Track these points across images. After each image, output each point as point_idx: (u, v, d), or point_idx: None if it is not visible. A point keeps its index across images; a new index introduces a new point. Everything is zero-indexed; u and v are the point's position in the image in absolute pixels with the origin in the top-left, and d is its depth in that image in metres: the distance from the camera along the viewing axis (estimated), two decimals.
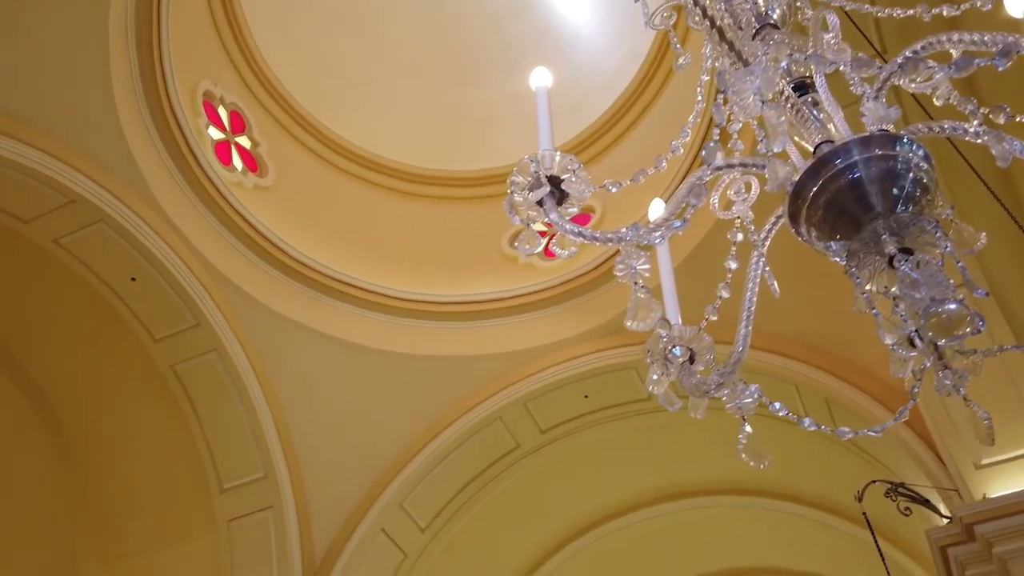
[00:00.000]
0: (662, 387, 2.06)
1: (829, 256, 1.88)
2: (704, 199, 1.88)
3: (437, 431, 7.29)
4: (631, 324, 1.90)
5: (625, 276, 1.87)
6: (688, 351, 2.00)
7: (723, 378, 1.96)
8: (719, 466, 7.74)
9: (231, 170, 7.34)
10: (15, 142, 5.73)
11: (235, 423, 6.91)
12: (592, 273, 7.36)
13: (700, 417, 2.11)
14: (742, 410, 1.99)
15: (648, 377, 2.08)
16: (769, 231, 2.17)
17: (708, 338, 2.09)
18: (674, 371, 2.03)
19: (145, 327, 6.79)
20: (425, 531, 7.36)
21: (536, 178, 1.91)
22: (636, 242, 1.86)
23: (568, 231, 1.88)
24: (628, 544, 8.11)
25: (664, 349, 2.07)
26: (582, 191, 1.91)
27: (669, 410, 2.11)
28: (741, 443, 2.05)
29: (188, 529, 6.94)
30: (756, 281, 2.11)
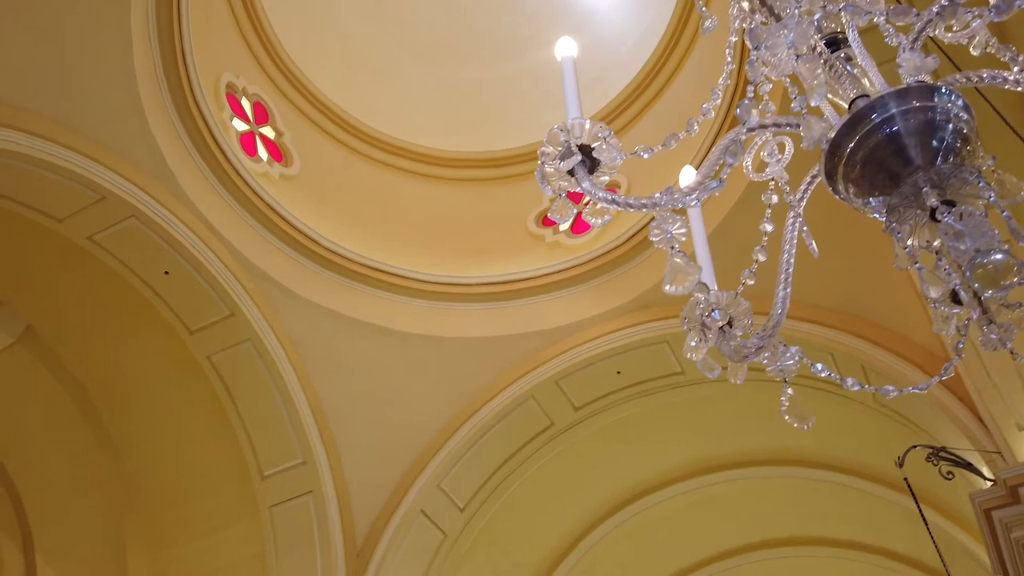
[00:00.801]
0: (701, 353, 2.05)
1: (868, 213, 1.85)
2: (740, 158, 1.85)
3: (471, 412, 7.33)
4: (669, 289, 1.89)
5: (661, 241, 1.86)
6: (726, 316, 1.97)
7: (763, 341, 1.95)
8: (755, 437, 7.72)
9: (257, 161, 7.39)
10: (46, 142, 5.81)
11: (272, 411, 7.00)
12: (620, 248, 7.32)
13: (740, 383, 2.10)
14: (783, 372, 1.97)
15: (686, 344, 2.07)
16: (805, 191, 2.14)
17: (745, 303, 2.08)
18: (712, 337, 2.01)
19: (180, 319, 6.89)
20: (464, 511, 7.42)
21: (567, 147, 1.89)
22: (671, 206, 1.84)
23: (602, 199, 1.87)
24: (665, 518, 8.12)
25: (701, 315, 2.05)
26: (614, 158, 1.89)
27: (709, 377, 2.10)
28: (784, 405, 2.04)
29: (231, 516, 7.06)
30: (793, 243, 2.09)
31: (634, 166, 7.46)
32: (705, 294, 1.96)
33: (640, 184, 7.51)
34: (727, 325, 2.02)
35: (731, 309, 2.02)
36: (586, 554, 8.10)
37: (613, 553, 8.20)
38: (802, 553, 8.36)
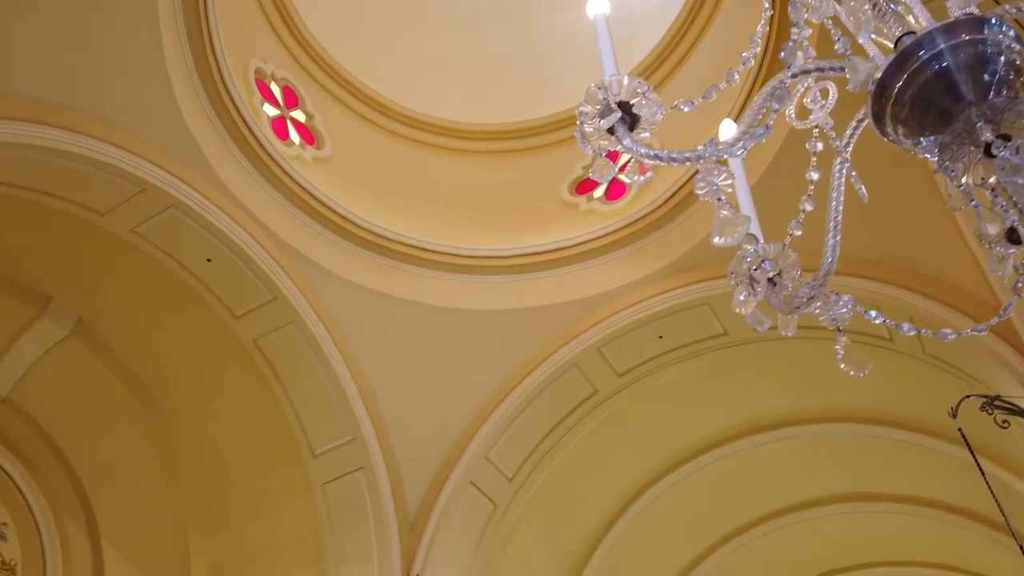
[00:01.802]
0: (750, 308, 2.03)
1: (919, 153, 1.80)
2: (786, 103, 1.81)
3: (515, 383, 7.37)
4: (718, 241, 1.87)
5: (707, 194, 1.83)
6: (776, 268, 1.95)
7: (814, 291, 1.92)
8: (802, 396, 7.65)
9: (289, 145, 7.44)
10: (84, 137, 5.90)
11: (320, 390, 7.11)
12: (657, 212, 7.26)
13: (791, 335, 2.08)
14: (837, 321, 1.94)
15: (734, 299, 2.05)
16: (851, 135, 2.09)
17: (793, 254, 2.05)
18: (761, 290, 1.99)
19: (225, 305, 7.00)
20: (512, 480, 7.48)
21: (605, 105, 1.87)
22: (716, 157, 1.81)
23: (644, 155, 1.85)
24: (714, 480, 8.11)
25: (749, 269, 2.03)
26: (654, 113, 1.86)
27: (758, 330, 2.08)
28: (839, 354, 2.01)
29: (286, 494, 7.21)
30: (841, 189, 2.04)
31: (664, 131, 7.37)
32: (754, 245, 1.93)
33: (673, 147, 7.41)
34: (776, 277, 1.99)
35: (779, 261, 1.99)
36: (636, 519, 8.14)
37: (663, 517, 8.22)
38: (855, 510, 8.30)
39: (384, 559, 6.74)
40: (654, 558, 8.48)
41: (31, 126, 5.63)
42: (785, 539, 8.63)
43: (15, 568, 7.00)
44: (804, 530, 8.55)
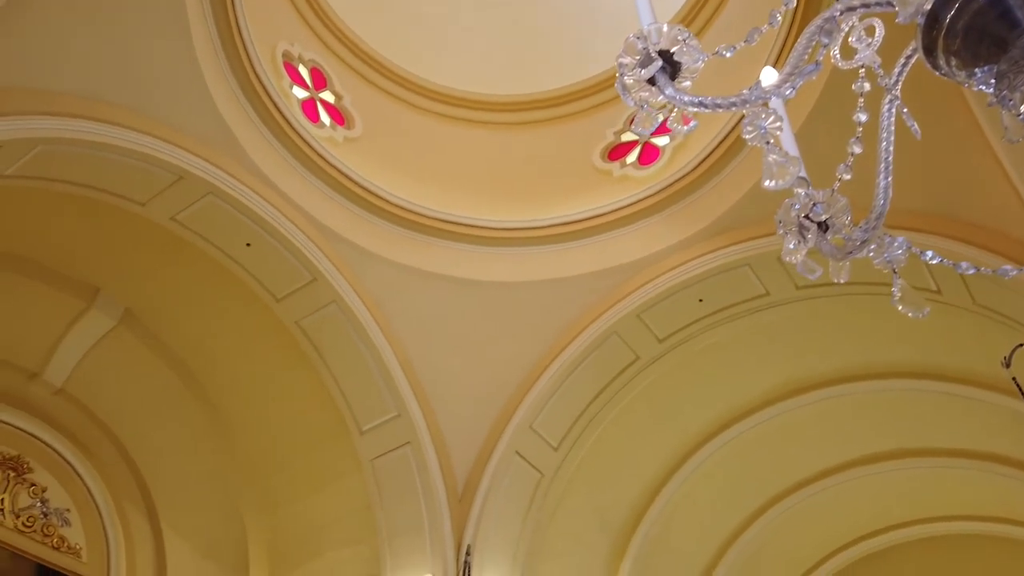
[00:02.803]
0: (800, 255, 2.00)
1: (973, 86, 1.74)
2: (835, 38, 1.77)
3: (556, 353, 7.38)
4: (769, 184, 1.84)
5: (755, 138, 1.80)
6: (828, 211, 1.91)
7: (868, 234, 1.88)
8: (848, 354, 7.55)
9: (320, 126, 7.48)
10: (120, 128, 5.97)
11: (363, 368, 7.19)
12: (692, 175, 7.17)
13: (844, 281, 2.04)
14: (892, 263, 1.90)
15: (784, 247, 2.02)
16: (900, 72, 2.03)
17: (843, 199, 2.00)
18: (812, 237, 1.95)
19: (266, 288, 7.09)
20: (558, 449, 7.52)
21: (645, 55, 1.84)
22: (763, 100, 1.77)
23: (687, 103, 1.82)
24: (761, 442, 8.05)
25: (798, 216, 1.99)
26: (695, 60, 1.83)
27: (809, 278, 2.05)
28: (896, 296, 1.97)
29: (336, 472, 7.33)
30: (891, 128, 1.99)
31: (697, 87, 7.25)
32: (805, 188, 1.89)
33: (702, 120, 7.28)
34: (827, 222, 1.95)
35: (830, 206, 1.95)
36: (683, 484, 8.12)
37: (710, 481, 8.21)
38: (907, 466, 8.20)
39: (435, 531, 6.84)
40: (703, 522, 8.47)
41: (68, 120, 5.73)
42: (835, 499, 8.56)
43: (80, 552, 7.24)
44: (854, 489, 8.47)
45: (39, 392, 7.40)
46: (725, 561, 8.58)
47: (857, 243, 1.91)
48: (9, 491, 7.01)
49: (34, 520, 7.05)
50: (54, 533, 7.12)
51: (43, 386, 7.40)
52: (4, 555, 6.80)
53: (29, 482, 7.17)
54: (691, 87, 1.83)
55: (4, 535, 6.82)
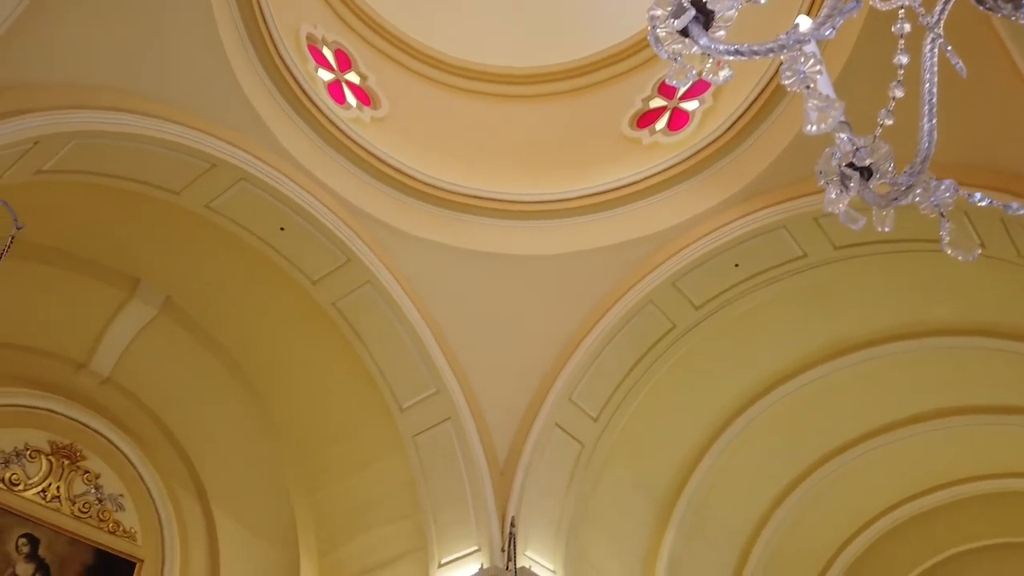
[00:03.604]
0: (843, 205, 1.96)
1: (1020, 18, 1.68)
2: None
3: (591, 324, 7.36)
4: (812, 129, 1.80)
5: (794, 83, 1.76)
6: (875, 155, 1.86)
7: (913, 178, 1.83)
8: (889, 313, 7.43)
9: (347, 108, 7.50)
10: (152, 119, 6.05)
11: (400, 346, 7.24)
12: (723, 138, 7.07)
13: (888, 230, 1.99)
14: (940, 206, 1.85)
15: (826, 198, 1.98)
16: (942, 10, 1.97)
17: (885, 145, 1.96)
18: (854, 186, 1.91)
19: (302, 271, 7.17)
20: (597, 420, 7.52)
21: (677, 4, 1.80)
22: (800, 43, 1.73)
23: (723, 52, 1.78)
24: (804, 405, 7.98)
25: (839, 165, 1.95)
26: (728, 7, 1.79)
27: (852, 228, 2.01)
28: (945, 239, 1.93)
29: (379, 449, 7.42)
30: (934, 70, 1.93)
31: None
32: (848, 132, 1.85)
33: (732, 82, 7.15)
34: (870, 169, 1.91)
35: (872, 153, 1.91)
36: (725, 450, 8.09)
37: (753, 446, 8.16)
38: (952, 424, 8.07)
39: (479, 504, 6.90)
40: (746, 488, 8.44)
41: (101, 113, 5.81)
42: (881, 460, 8.47)
43: (135, 535, 7.44)
44: (900, 449, 8.37)
45: (87, 382, 7.58)
46: (770, 525, 8.55)
47: (902, 188, 1.86)
48: (64, 478, 7.22)
49: (90, 506, 7.26)
50: (109, 518, 7.32)
51: (91, 376, 7.58)
52: (63, 541, 7.01)
53: (83, 469, 7.37)
54: (725, 36, 1.79)
55: (62, 521, 7.03)
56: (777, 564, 8.70)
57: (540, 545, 6.92)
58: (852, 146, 1.87)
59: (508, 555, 6.53)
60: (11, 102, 5.38)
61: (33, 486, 7.01)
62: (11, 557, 6.69)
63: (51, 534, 6.95)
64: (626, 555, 7.82)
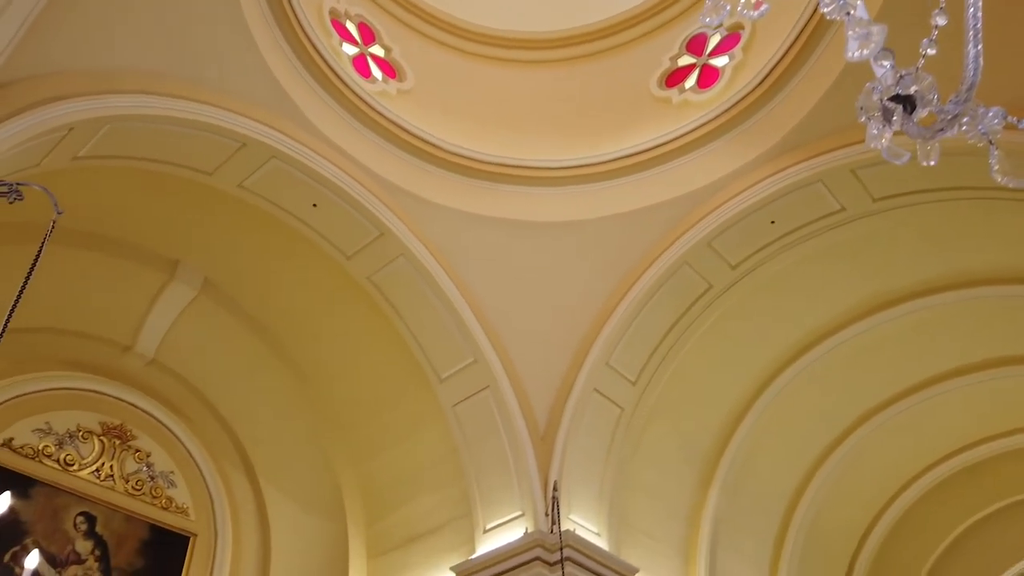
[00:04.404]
0: (885, 140, 1.90)
1: None
2: None
3: (627, 288, 7.32)
4: (854, 55, 1.74)
5: (834, 10, 1.70)
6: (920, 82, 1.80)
7: (960, 107, 1.77)
8: (931, 265, 7.28)
9: (372, 81, 7.48)
10: (182, 100, 6.09)
11: (437, 318, 7.28)
12: (754, 93, 6.93)
13: (933, 163, 1.93)
14: (988, 134, 1.79)
15: (867, 134, 1.92)
16: None
17: (928, 76, 1.89)
18: (897, 119, 1.85)
19: (336, 247, 7.22)
20: (636, 384, 7.51)
21: None
22: None
23: None
24: (845, 361, 7.88)
25: (880, 100, 1.89)
26: None
27: (896, 164, 1.95)
28: (994, 167, 1.86)
29: (420, 420, 7.50)
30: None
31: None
32: (890, 60, 1.79)
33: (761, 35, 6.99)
34: (912, 103, 1.85)
35: (915, 84, 1.85)
36: (767, 409, 8.03)
37: (795, 404, 8.09)
38: (999, 375, 7.92)
39: (521, 470, 6.95)
40: (790, 446, 8.39)
41: (131, 97, 5.86)
42: (925, 414, 8.36)
43: (187, 511, 7.63)
44: (944, 403, 8.24)
45: (133, 363, 7.75)
46: (814, 483, 8.50)
47: (948, 118, 1.80)
48: (117, 458, 7.41)
49: (142, 484, 7.45)
50: (162, 495, 7.52)
51: (136, 358, 7.75)
52: (119, 518, 7.22)
53: (134, 448, 7.56)
54: None
55: (117, 499, 7.24)
56: (822, 520, 8.67)
57: (583, 508, 6.96)
58: (894, 76, 1.82)
59: (552, 519, 6.58)
60: (44, 90, 5.45)
61: (87, 466, 7.22)
62: (70, 535, 6.91)
63: (107, 512, 7.15)
64: (670, 516, 7.83)
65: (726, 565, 8.02)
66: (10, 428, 6.90)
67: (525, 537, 6.52)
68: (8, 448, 6.77)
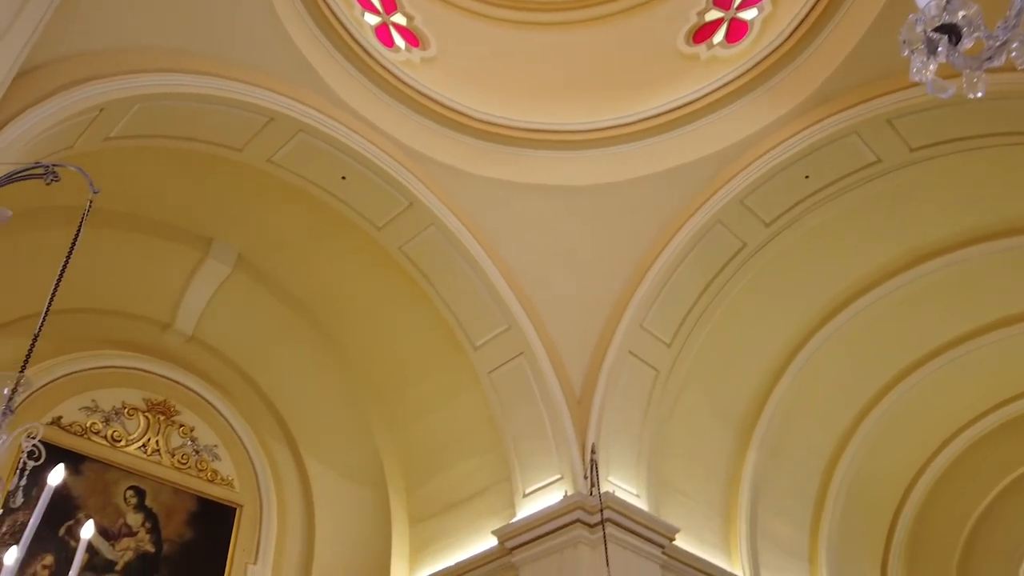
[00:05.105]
0: (929, 74, 1.84)
1: None
2: None
3: (659, 250, 7.26)
4: None
5: None
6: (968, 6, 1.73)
7: (1008, 33, 1.70)
8: (969, 215, 7.13)
9: (396, 51, 7.43)
10: (208, 77, 6.10)
11: (469, 286, 7.29)
12: (784, 46, 6.77)
13: (981, 95, 1.87)
14: None
15: (911, 69, 1.86)
16: None
17: (974, 4, 1.82)
18: (943, 50, 1.79)
19: (366, 218, 7.23)
20: (671, 346, 7.47)
21: None
22: None
23: None
24: (882, 317, 7.76)
25: (924, 31, 1.83)
26: None
27: (941, 97, 1.89)
28: None
29: (456, 387, 7.55)
30: None
31: None
32: None
33: None
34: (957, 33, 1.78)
35: (961, 12, 1.78)
36: (804, 367, 7.96)
37: (832, 363, 8.01)
38: None
39: (558, 434, 6.97)
40: (829, 404, 8.32)
41: (159, 75, 5.89)
42: (966, 368, 8.23)
43: (232, 483, 7.80)
44: (985, 356, 8.10)
45: (173, 341, 7.89)
46: (855, 441, 8.44)
47: (996, 45, 1.73)
48: (161, 433, 7.58)
49: (187, 457, 7.62)
50: (207, 467, 7.68)
51: (176, 335, 7.88)
52: (167, 491, 7.40)
53: (178, 423, 7.72)
54: None
55: (164, 473, 7.41)
56: (864, 477, 8.61)
57: (622, 470, 6.98)
58: (939, 5, 1.75)
59: (591, 481, 6.61)
60: (73, 72, 5.49)
61: (134, 441, 7.39)
62: (121, 508, 7.10)
63: (155, 485, 7.33)
64: (708, 477, 7.83)
65: (768, 524, 8.01)
66: (58, 407, 7.08)
67: (565, 500, 6.56)
68: (57, 426, 6.95)
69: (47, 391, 7.02)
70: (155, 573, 7.01)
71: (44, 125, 5.27)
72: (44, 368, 7.01)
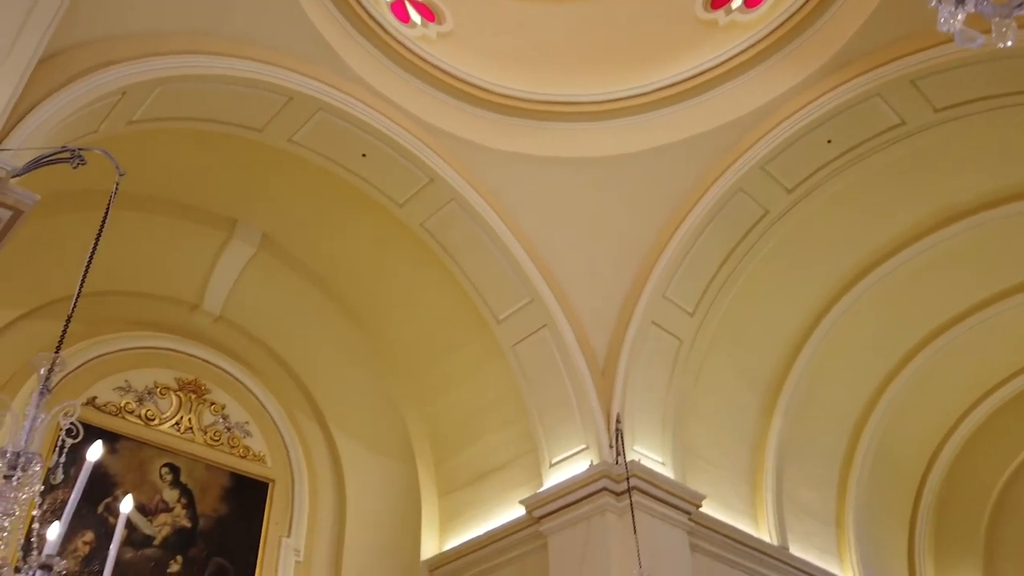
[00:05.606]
0: (958, 23, 1.83)
1: None
2: None
3: (680, 219, 7.24)
4: None
5: None
6: None
7: None
8: (996, 175, 7.04)
9: (412, 26, 7.41)
10: (227, 58, 6.13)
11: (491, 260, 7.32)
12: (805, 7, 6.67)
13: (1011, 44, 1.85)
14: None
15: (939, 20, 1.85)
16: None
17: None
18: (970, 0, 1.78)
19: (387, 196, 7.27)
20: (694, 315, 7.47)
21: None
22: None
23: None
24: (909, 280, 7.71)
25: None
26: None
27: (970, 47, 1.88)
28: None
29: (480, 362, 7.62)
30: None
31: None
32: None
33: None
34: None
35: None
36: (828, 333, 7.93)
37: (858, 327, 7.97)
38: None
39: (583, 405, 7.03)
40: (854, 369, 8.30)
41: (178, 57, 5.93)
42: (992, 331, 8.17)
43: (264, 458, 7.95)
44: (1011, 319, 8.04)
45: (202, 321, 8.01)
46: (880, 406, 8.42)
47: None
48: (194, 411, 7.73)
49: (220, 434, 7.77)
50: (239, 444, 7.83)
51: (204, 315, 8.00)
52: (200, 467, 7.55)
53: (209, 401, 7.87)
54: None
55: (197, 450, 7.57)
56: (890, 442, 8.61)
57: (647, 439, 7.03)
58: None
59: (617, 450, 6.67)
60: (94, 56, 5.55)
61: (167, 420, 7.54)
62: (157, 485, 7.27)
63: (189, 462, 7.49)
64: (734, 445, 7.86)
65: (794, 491, 8.05)
66: (93, 387, 7.23)
67: (591, 469, 6.62)
68: (92, 406, 7.11)
69: (81, 372, 7.17)
70: (192, 547, 7.18)
71: (68, 110, 5.34)
72: (77, 350, 7.15)
